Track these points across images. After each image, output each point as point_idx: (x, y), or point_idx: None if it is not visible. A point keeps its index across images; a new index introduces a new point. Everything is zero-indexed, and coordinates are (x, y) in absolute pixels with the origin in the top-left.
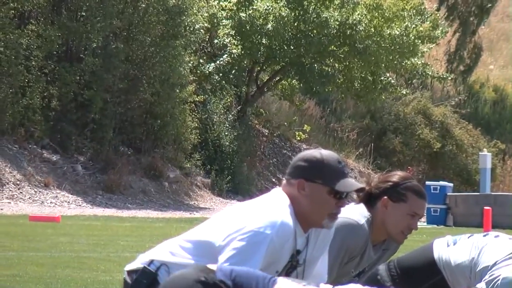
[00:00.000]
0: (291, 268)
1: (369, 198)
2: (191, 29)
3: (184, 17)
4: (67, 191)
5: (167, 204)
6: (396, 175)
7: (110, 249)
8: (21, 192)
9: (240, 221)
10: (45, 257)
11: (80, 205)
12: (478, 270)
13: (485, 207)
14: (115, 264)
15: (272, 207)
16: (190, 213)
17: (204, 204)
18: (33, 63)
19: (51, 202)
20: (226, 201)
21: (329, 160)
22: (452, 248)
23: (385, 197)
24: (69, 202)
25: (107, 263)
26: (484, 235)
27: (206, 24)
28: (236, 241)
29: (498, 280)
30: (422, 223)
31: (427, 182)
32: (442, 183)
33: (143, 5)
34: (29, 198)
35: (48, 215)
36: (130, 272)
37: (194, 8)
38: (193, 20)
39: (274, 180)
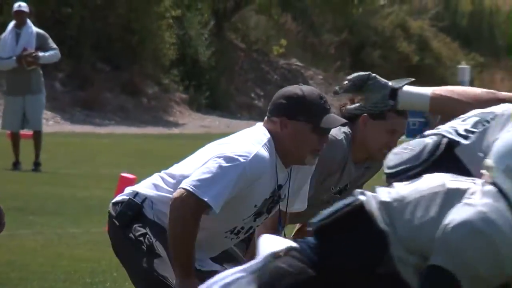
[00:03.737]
0: (273, 203)
1: (350, 116)
2: None
3: None
4: (46, 108)
5: (146, 120)
6: None
7: (88, 166)
8: None
9: (217, 150)
10: (24, 174)
11: (58, 122)
12: None
13: None
14: (93, 181)
15: (250, 139)
16: (169, 129)
17: (182, 120)
18: None
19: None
20: (204, 116)
21: (310, 96)
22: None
23: (365, 114)
24: (47, 119)
25: (85, 180)
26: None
27: None
28: (209, 163)
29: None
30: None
31: None
32: None
33: None
34: None
35: (26, 133)
36: (114, 204)
37: None
38: None
39: (252, 95)
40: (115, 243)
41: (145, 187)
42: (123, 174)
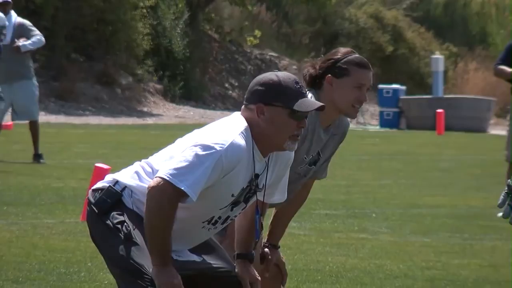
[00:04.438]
0: (250, 193)
1: (315, 81)
2: None
3: None
4: None
5: (120, 110)
6: (337, 52)
7: (63, 156)
8: None
9: (194, 138)
10: None
11: None
12: None
13: (438, 110)
14: (68, 171)
15: (226, 128)
16: (143, 120)
17: (157, 110)
18: None
19: None
20: (179, 107)
21: (286, 81)
22: None
23: (329, 75)
24: None
25: (60, 170)
26: None
27: None
28: (186, 152)
29: None
30: (374, 127)
31: (380, 86)
32: (394, 86)
33: None
34: None
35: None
36: (94, 191)
37: None
38: None
39: (226, 85)
40: (92, 230)
41: (125, 175)
42: (97, 165)
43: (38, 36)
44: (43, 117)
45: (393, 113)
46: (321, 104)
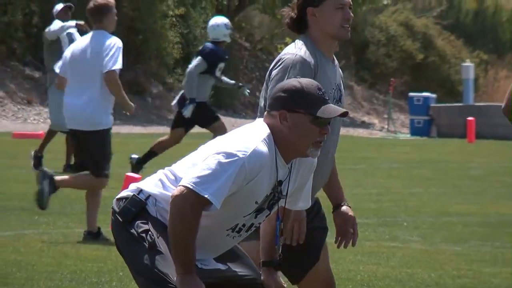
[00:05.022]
0: (274, 200)
1: (299, 24)
2: None
3: None
4: None
5: (151, 119)
6: None
7: None
8: (4, 110)
9: (217, 146)
10: (29, 174)
11: None
12: None
13: (468, 118)
14: None
15: (249, 135)
16: None
17: None
18: None
19: (34, 119)
20: None
21: (309, 88)
22: None
23: (309, 7)
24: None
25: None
26: None
27: None
28: (208, 159)
29: None
30: (405, 135)
31: (410, 94)
32: (425, 94)
33: None
34: (12, 115)
35: (31, 132)
36: (118, 200)
37: None
38: None
39: (257, 94)
40: (117, 239)
41: (149, 184)
42: (128, 174)
43: None
44: None
45: (424, 121)
46: (344, 110)
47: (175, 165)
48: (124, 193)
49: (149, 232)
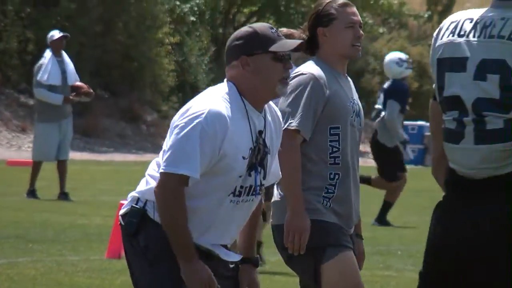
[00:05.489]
0: (261, 154)
1: (311, 45)
2: None
3: None
4: None
5: (145, 147)
6: (316, 6)
7: (87, 193)
8: None
9: (174, 124)
10: (23, 201)
11: None
12: None
13: None
14: (93, 208)
15: (201, 99)
16: None
17: None
18: (9, 7)
19: (28, 147)
20: None
21: (261, 29)
22: None
23: (319, 28)
24: None
25: (85, 207)
26: None
27: None
28: (171, 140)
29: None
30: None
31: (405, 122)
32: (420, 123)
33: None
34: (7, 143)
35: (25, 160)
36: (123, 217)
37: None
38: None
39: None
40: (126, 253)
41: (142, 189)
42: (122, 202)
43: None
44: None
45: (419, 149)
46: (299, 41)
47: (155, 159)
48: (124, 209)
49: (149, 249)
